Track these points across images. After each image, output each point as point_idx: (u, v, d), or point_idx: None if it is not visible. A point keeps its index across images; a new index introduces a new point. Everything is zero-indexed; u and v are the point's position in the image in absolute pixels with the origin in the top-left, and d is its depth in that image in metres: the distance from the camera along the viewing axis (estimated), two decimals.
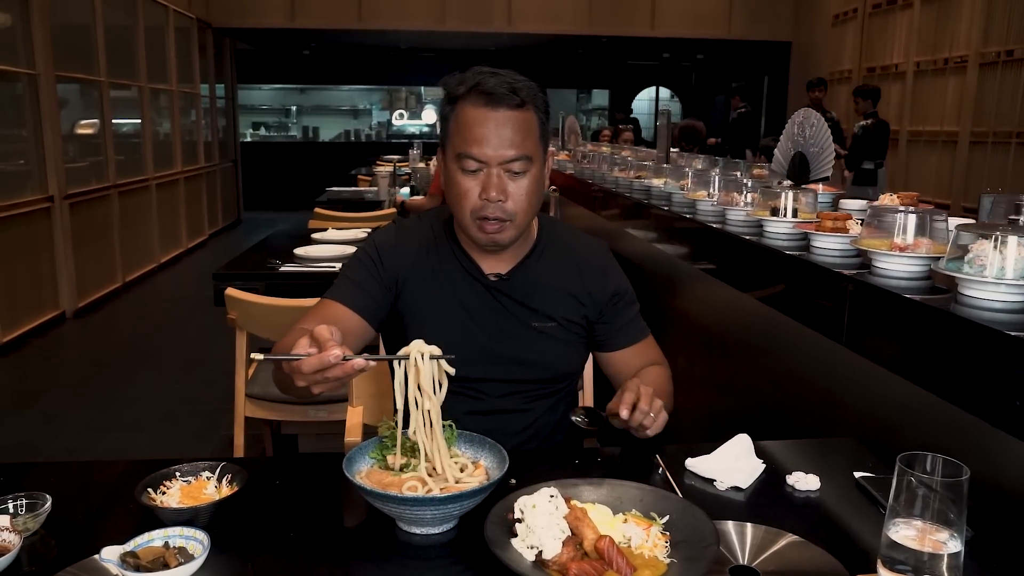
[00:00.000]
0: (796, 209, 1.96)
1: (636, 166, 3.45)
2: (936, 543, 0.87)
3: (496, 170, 1.33)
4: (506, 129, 1.32)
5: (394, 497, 1.01)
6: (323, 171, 9.69)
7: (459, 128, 1.35)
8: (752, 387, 2.18)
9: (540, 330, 1.47)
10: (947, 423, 1.28)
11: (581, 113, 14.13)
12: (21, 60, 5.15)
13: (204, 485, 1.12)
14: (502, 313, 1.46)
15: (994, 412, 1.10)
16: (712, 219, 2.33)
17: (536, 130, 1.36)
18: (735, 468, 1.22)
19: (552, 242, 1.52)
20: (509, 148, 1.32)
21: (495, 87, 1.31)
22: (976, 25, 6.47)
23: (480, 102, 1.32)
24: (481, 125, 1.32)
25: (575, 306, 1.49)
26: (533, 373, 1.48)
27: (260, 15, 9.33)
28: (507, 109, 1.32)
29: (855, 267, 1.57)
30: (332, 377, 1.04)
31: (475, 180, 1.34)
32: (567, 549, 0.94)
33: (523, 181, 1.35)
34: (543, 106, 1.39)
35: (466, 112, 1.34)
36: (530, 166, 1.35)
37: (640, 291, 1.61)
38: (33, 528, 1.04)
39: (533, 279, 1.48)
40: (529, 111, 1.35)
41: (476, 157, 1.33)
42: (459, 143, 1.35)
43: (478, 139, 1.32)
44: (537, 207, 1.42)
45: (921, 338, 1.27)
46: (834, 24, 8.67)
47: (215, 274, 2.85)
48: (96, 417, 3.85)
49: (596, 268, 1.53)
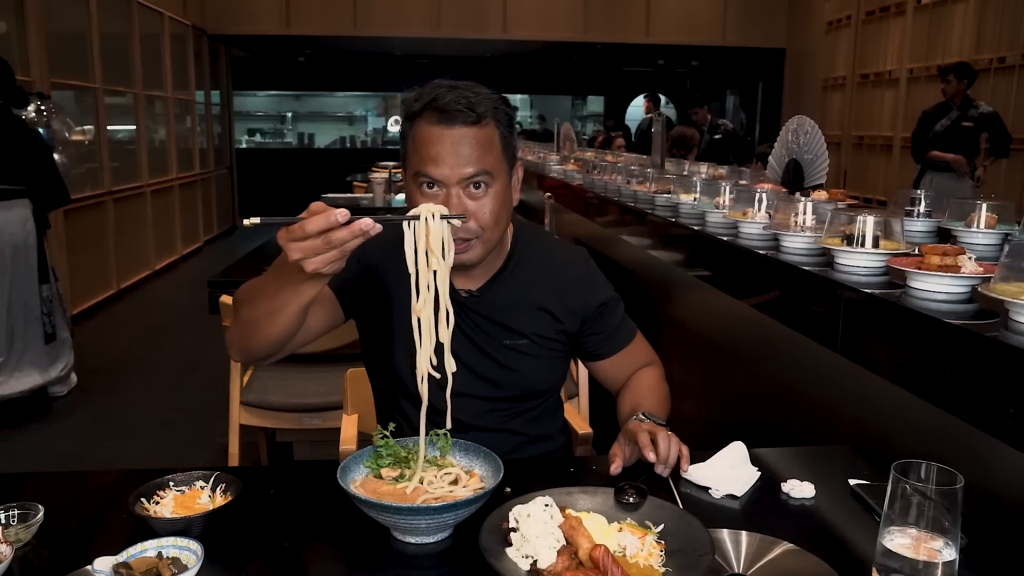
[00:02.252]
0: (877, 237, 1.60)
1: (658, 179, 3.10)
2: (931, 551, 0.87)
3: (455, 189, 1.27)
4: (463, 147, 1.26)
5: (388, 507, 1.00)
6: (318, 178, 9.67)
7: (416, 147, 1.30)
8: (747, 395, 2.18)
9: (512, 347, 1.43)
10: (941, 431, 1.29)
11: (576, 119, 14.15)
12: (17, 67, 5.13)
13: (198, 495, 1.11)
14: (474, 331, 1.42)
15: (988, 420, 1.10)
16: (760, 244, 1.99)
17: (498, 144, 1.31)
18: (730, 476, 1.22)
19: (527, 255, 1.47)
20: (467, 166, 1.27)
21: (450, 103, 1.26)
22: (969, 32, 6.50)
23: (435, 119, 1.27)
24: (436, 143, 1.26)
25: (550, 321, 1.46)
26: (508, 391, 1.44)
27: (255, 22, 9.33)
28: (463, 126, 1.27)
29: None
30: (336, 240, 1.02)
31: (433, 199, 1.27)
32: (562, 558, 0.94)
33: (485, 199, 1.30)
34: (505, 119, 1.33)
35: (421, 130, 1.29)
36: (492, 181, 1.30)
37: (644, 303, 1.62)
38: (25, 539, 1.03)
39: (505, 295, 1.43)
40: (488, 126, 1.29)
41: (433, 177, 1.27)
42: (416, 162, 1.29)
43: (434, 158, 1.26)
44: (505, 222, 1.37)
45: (917, 347, 1.27)
46: (828, 31, 8.70)
47: (210, 281, 2.84)
48: (90, 425, 3.83)
49: (576, 281, 1.49)
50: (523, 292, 1.44)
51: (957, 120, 5.67)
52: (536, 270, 1.46)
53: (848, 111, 8.28)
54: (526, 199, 5.95)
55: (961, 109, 5.70)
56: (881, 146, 7.70)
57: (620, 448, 1.29)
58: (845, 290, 1.48)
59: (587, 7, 9.66)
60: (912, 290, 1.40)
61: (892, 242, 1.59)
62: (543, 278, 1.46)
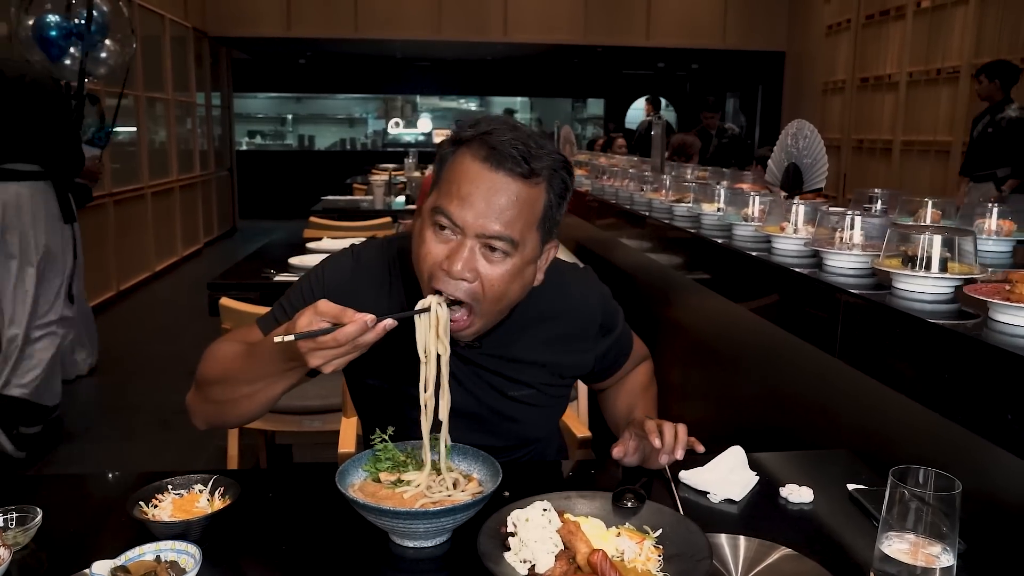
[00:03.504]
0: (945, 259, 1.37)
1: (676, 186, 2.84)
2: (929, 557, 0.87)
3: (471, 242, 1.10)
4: (499, 197, 1.09)
5: (387, 511, 1.00)
6: (319, 180, 9.69)
7: (448, 177, 1.13)
8: (746, 399, 2.18)
9: (516, 398, 1.33)
10: (940, 436, 1.29)
11: (576, 122, 14.16)
12: None
13: (196, 498, 1.11)
14: (473, 381, 1.30)
15: (986, 425, 1.10)
16: (799, 263, 1.78)
17: (539, 211, 1.13)
18: (729, 480, 1.22)
19: (536, 296, 1.27)
20: (494, 221, 1.09)
21: (505, 144, 1.10)
22: (968, 36, 6.51)
23: (481, 154, 1.10)
24: (473, 181, 1.10)
25: (557, 369, 1.35)
26: (503, 441, 1.35)
27: (256, 24, 9.34)
28: (509, 175, 1.10)
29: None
30: (365, 343, 1.01)
31: (443, 244, 1.12)
32: (560, 563, 0.94)
33: (498, 266, 1.12)
34: (559, 186, 1.15)
35: (463, 161, 1.12)
36: (513, 252, 1.12)
37: (645, 307, 1.61)
38: (23, 542, 1.03)
39: (510, 344, 1.29)
40: (539, 187, 1.12)
41: (452, 217, 1.10)
42: (442, 195, 1.13)
43: (463, 197, 1.09)
44: (512, 300, 1.19)
45: (915, 352, 1.27)
46: (828, 34, 8.71)
47: (210, 284, 2.84)
48: (90, 426, 3.83)
49: (588, 323, 1.37)
50: (530, 341, 1.31)
51: (986, 124, 5.28)
52: (545, 312, 1.32)
53: (848, 114, 8.29)
54: None
55: (991, 113, 5.27)
56: (881, 149, 7.71)
57: (625, 440, 1.28)
58: (903, 319, 1.27)
59: (588, 10, 9.67)
60: (997, 324, 1.20)
61: (964, 265, 1.37)
62: (554, 323, 1.33)
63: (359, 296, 1.28)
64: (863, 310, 1.41)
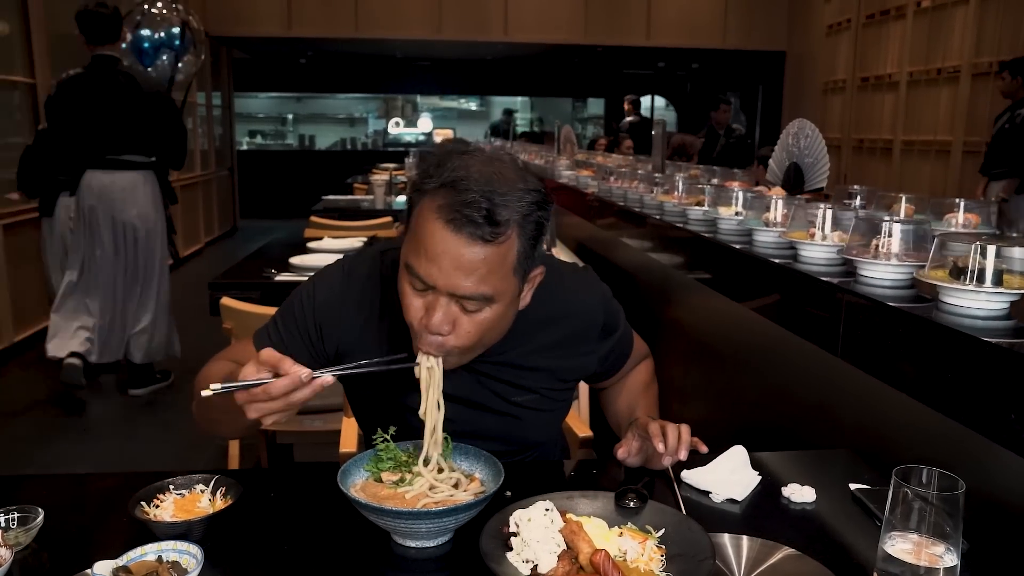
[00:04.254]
0: (1000, 272, 1.21)
1: (689, 188, 2.63)
2: (932, 557, 0.87)
3: (445, 299, 1.07)
4: (465, 260, 1.03)
5: (389, 511, 1.00)
6: (319, 179, 9.68)
7: (416, 229, 1.07)
8: (747, 399, 2.18)
9: (520, 404, 1.31)
10: (942, 436, 1.28)
11: (576, 122, 14.17)
12: (18, 68, 5.14)
13: (198, 498, 1.11)
14: (475, 389, 1.29)
15: (989, 425, 1.10)
16: (829, 272, 1.61)
17: (511, 261, 1.07)
18: (731, 480, 1.22)
19: (534, 302, 1.24)
20: (463, 281, 1.04)
21: (467, 205, 1.02)
22: (969, 36, 6.51)
23: (444, 217, 1.03)
24: (436, 244, 1.04)
25: (560, 373, 1.34)
26: (506, 446, 1.33)
27: (257, 24, 9.33)
28: (470, 240, 1.03)
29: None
30: (298, 400, 0.99)
31: (421, 298, 1.09)
32: (562, 563, 0.94)
33: (478, 315, 1.09)
34: (532, 228, 1.09)
35: (427, 217, 1.05)
36: (491, 303, 1.08)
37: (646, 306, 1.59)
38: (25, 542, 1.03)
39: (511, 350, 1.27)
40: (506, 241, 1.05)
41: (422, 278, 1.06)
42: (410, 249, 1.08)
43: (430, 258, 1.04)
44: (500, 335, 1.17)
45: (916, 351, 1.27)
46: (828, 34, 8.71)
47: (210, 283, 2.84)
48: (91, 426, 3.83)
49: (590, 326, 1.35)
50: (532, 346, 1.29)
51: (1006, 122, 5.17)
52: (546, 315, 1.29)
53: (848, 114, 8.29)
54: None
55: (1011, 110, 5.17)
56: (881, 149, 7.71)
57: (628, 441, 1.28)
58: (955, 336, 1.16)
59: (588, 10, 9.67)
60: None
61: (1020, 278, 1.23)
62: (555, 326, 1.31)
63: (346, 314, 1.28)
64: (908, 326, 1.27)
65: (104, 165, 3.98)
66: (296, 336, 1.29)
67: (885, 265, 1.44)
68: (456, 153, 1.08)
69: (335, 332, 1.28)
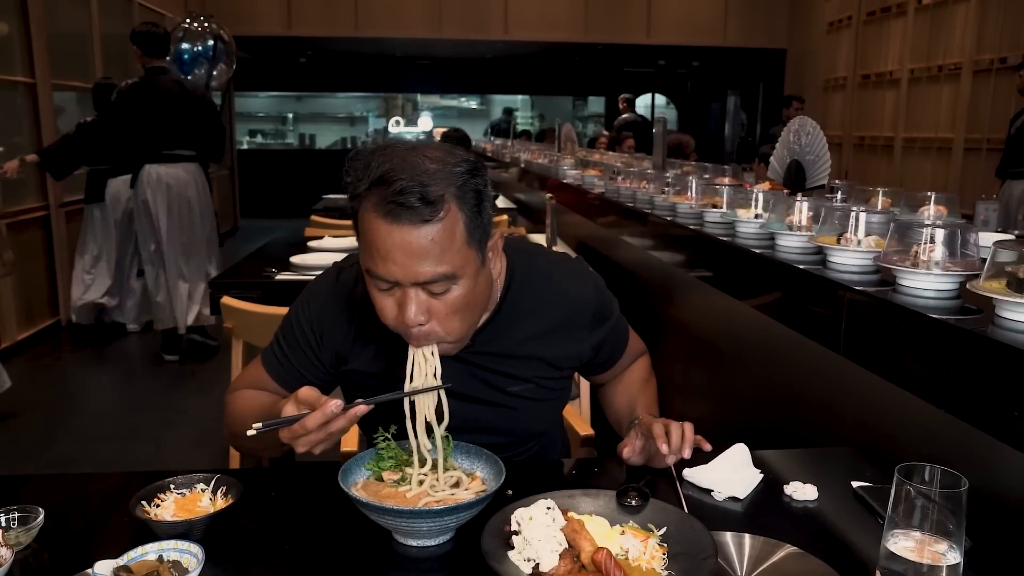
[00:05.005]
0: None
1: (704, 189, 2.46)
2: (935, 554, 0.86)
3: (412, 290, 1.08)
4: (414, 246, 1.05)
5: (390, 509, 1.00)
6: (319, 178, 9.69)
7: (363, 235, 1.09)
8: (749, 397, 2.18)
9: (516, 394, 1.32)
10: (943, 433, 1.28)
11: (577, 120, 14.17)
12: (18, 68, 5.15)
13: (199, 498, 1.11)
14: (470, 383, 1.29)
15: (991, 422, 1.10)
16: (858, 279, 1.49)
17: (461, 233, 1.08)
18: (732, 478, 1.22)
19: (526, 288, 1.30)
20: (421, 267, 1.06)
21: (399, 194, 1.03)
22: (970, 33, 6.50)
23: (381, 211, 1.05)
24: (383, 241, 1.06)
25: (554, 361, 1.34)
26: (505, 438, 1.35)
27: (257, 23, 9.33)
28: (412, 225, 1.04)
29: None
30: (336, 429, 1.04)
31: (391, 297, 1.11)
32: (564, 562, 0.94)
33: (449, 296, 1.10)
34: (471, 196, 1.09)
35: (369, 220, 1.07)
36: (456, 278, 1.09)
37: (645, 304, 1.59)
38: (25, 542, 1.03)
39: (503, 339, 1.29)
40: (446, 216, 1.06)
41: (383, 276, 1.08)
42: (364, 255, 1.10)
43: (382, 257, 1.06)
44: (479, 311, 1.19)
45: (920, 349, 1.27)
46: (829, 31, 8.70)
47: (211, 282, 2.84)
48: (92, 426, 3.83)
49: (581, 312, 1.35)
50: (523, 334, 1.30)
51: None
52: (536, 303, 1.31)
53: (849, 112, 8.28)
54: (527, 199, 5.94)
55: None
56: (882, 147, 7.70)
57: (632, 440, 1.28)
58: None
59: (588, 8, 9.66)
60: None
61: None
62: (546, 314, 1.32)
63: (336, 321, 1.31)
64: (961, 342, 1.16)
65: (160, 160, 4.62)
66: (300, 351, 1.32)
67: (928, 275, 1.31)
68: (378, 151, 1.10)
69: (334, 337, 1.31)
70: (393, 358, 1.23)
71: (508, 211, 5.50)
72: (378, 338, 1.26)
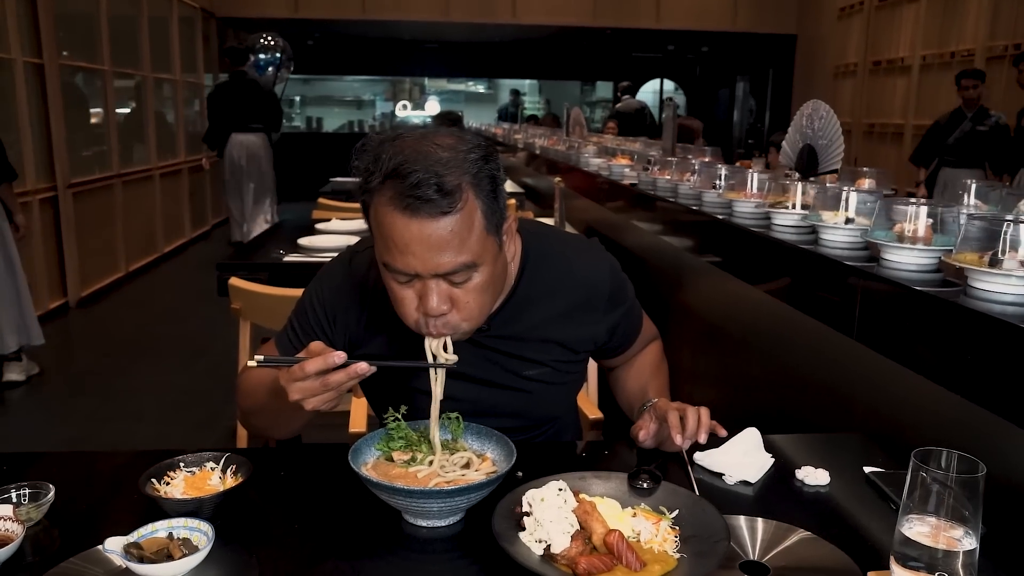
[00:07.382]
0: None
1: (775, 188, 2.09)
2: (951, 540, 0.85)
3: (432, 282, 1.07)
4: (433, 238, 1.03)
5: (401, 489, 1.00)
6: (327, 161, 9.65)
7: (378, 229, 1.07)
8: (760, 382, 2.17)
9: (531, 377, 1.31)
10: (954, 419, 1.27)
11: (585, 105, 14.09)
12: (25, 48, 5.13)
13: (208, 476, 1.11)
14: (486, 368, 1.28)
15: (1006, 407, 1.09)
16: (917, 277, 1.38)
17: (479, 223, 1.06)
18: (744, 462, 1.21)
19: (540, 270, 1.29)
20: (441, 258, 1.04)
21: (415, 189, 1.01)
22: (983, 19, 6.42)
23: (398, 205, 1.02)
24: (401, 234, 1.03)
25: (569, 344, 1.33)
26: (521, 422, 1.34)
27: (264, 5, 9.30)
28: (431, 218, 1.02)
29: None
30: (333, 383, 1.01)
31: (410, 289, 1.09)
32: (576, 543, 0.93)
33: (470, 284, 1.09)
34: (487, 183, 1.07)
35: (384, 213, 1.05)
36: (477, 267, 1.08)
37: (656, 291, 1.57)
38: (36, 518, 1.03)
39: (518, 322, 1.28)
40: (464, 206, 1.04)
41: (402, 270, 1.06)
42: (381, 248, 1.08)
43: (400, 250, 1.04)
44: (499, 292, 1.19)
45: (932, 332, 1.26)
46: (840, 17, 8.62)
47: (219, 264, 2.84)
48: (99, 407, 3.85)
49: (597, 294, 1.33)
50: (539, 317, 1.29)
51: None
52: (551, 286, 1.30)
53: (859, 99, 8.21)
54: (535, 184, 5.91)
55: None
56: (892, 134, 7.65)
57: (646, 423, 1.27)
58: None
59: None
60: None
61: None
62: (561, 297, 1.30)
63: (349, 305, 1.30)
64: None
65: (243, 130, 7.16)
66: (313, 333, 1.30)
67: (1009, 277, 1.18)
68: (388, 142, 1.07)
69: (347, 320, 1.30)
70: (406, 345, 1.22)
71: (516, 195, 5.48)
72: (391, 325, 1.25)
